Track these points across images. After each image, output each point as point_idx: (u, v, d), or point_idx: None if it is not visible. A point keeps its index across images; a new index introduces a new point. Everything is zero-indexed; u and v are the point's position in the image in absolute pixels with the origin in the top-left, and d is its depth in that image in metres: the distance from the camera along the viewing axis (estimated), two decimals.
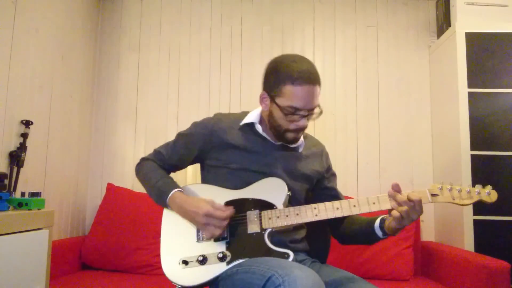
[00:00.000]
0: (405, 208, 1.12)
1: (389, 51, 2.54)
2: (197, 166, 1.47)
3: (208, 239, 1.22)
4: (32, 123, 1.82)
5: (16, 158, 1.73)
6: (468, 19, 2.14)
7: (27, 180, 1.84)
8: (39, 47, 1.93)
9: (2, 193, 1.37)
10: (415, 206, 1.13)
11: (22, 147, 1.76)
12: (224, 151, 1.33)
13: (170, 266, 1.22)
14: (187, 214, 1.24)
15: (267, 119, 1.33)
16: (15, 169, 1.73)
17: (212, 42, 2.56)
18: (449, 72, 2.21)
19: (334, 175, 1.48)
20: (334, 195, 1.41)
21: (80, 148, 2.35)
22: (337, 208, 1.20)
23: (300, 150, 1.38)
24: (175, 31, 2.57)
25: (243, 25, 2.57)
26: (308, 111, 1.24)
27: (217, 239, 1.22)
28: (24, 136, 1.78)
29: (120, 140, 2.49)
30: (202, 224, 1.20)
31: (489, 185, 1.17)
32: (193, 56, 2.55)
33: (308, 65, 1.26)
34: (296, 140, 1.32)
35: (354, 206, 1.20)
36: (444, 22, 2.29)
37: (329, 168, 1.46)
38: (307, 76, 1.22)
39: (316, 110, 1.26)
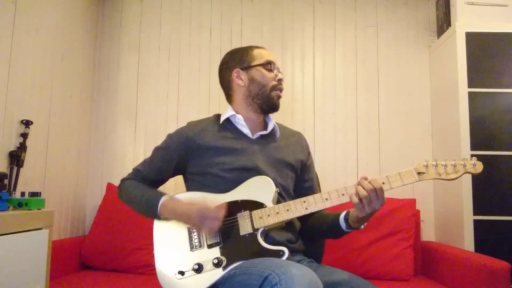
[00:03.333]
0: (365, 193, 1.13)
1: (389, 51, 2.54)
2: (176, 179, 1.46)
3: (208, 234, 1.21)
4: (32, 123, 1.82)
5: (16, 158, 1.73)
6: (468, 19, 2.14)
7: (27, 180, 1.84)
8: (39, 47, 1.93)
9: (2, 193, 1.37)
10: (377, 193, 1.14)
11: (22, 147, 1.76)
12: (203, 155, 1.34)
13: (167, 279, 1.21)
14: (181, 216, 1.24)
15: (245, 96, 1.39)
16: (15, 169, 1.73)
17: (212, 42, 2.55)
18: (449, 72, 2.21)
19: (312, 163, 1.50)
20: (308, 187, 1.44)
21: (80, 148, 2.35)
22: (326, 199, 1.21)
23: (277, 136, 1.42)
24: (175, 31, 2.57)
25: (243, 25, 2.57)
26: (278, 68, 1.40)
27: (211, 245, 1.21)
28: (24, 136, 1.78)
29: (120, 140, 2.49)
30: (198, 220, 1.19)
31: (474, 157, 1.17)
32: (193, 56, 2.54)
33: None
34: (278, 100, 1.39)
35: (343, 194, 1.20)
36: (444, 22, 2.29)
37: (309, 156, 1.49)
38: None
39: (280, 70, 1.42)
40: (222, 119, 1.39)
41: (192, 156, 1.35)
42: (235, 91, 1.42)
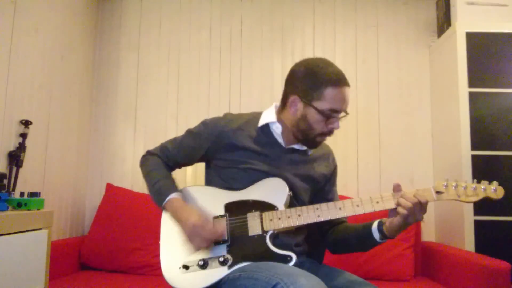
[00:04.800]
0: (411, 205, 1.12)
1: (389, 50, 2.54)
2: (197, 166, 1.46)
3: (194, 250, 1.20)
4: (31, 123, 1.81)
5: (15, 158, 1.73)
6: (468, 19, 2.14)
7: (26, 180, 1.83)
8: (38, 47, 1.93)
9: (1, 193, 1.36)
10: (422, 205, 1.13)
11: (21, 147, 1.76)
12: (233, 152, 1.31)
13: (170, 271, 1.20)
14: (179, 221, 1.23)
15: (292, 123, 1.29)
16: (14, 169, 1.73)
17: (211, 41, 2.55)
18: (449, 71, 2.20)
19: (336, 175, 1.46)
20: (330, 199, 1.40)
21: (79, 148, 2.35)
22: (340, 208, 1.19)
23: (309, 152, 1.36)
24: (175, 31, 2.56)
25: (243, 25, 2.57)
26: (342, 113, 1.27)
27: (218, 242, 1.20)
28: (23, 136, 1.77)
29: (120, 140, 2.49)
30: (188, 234, 1.19)
31: (495, 181, 1.15)
32: (192, 56, 2.54)
33: (339, 68, 1.28)
34: (322, 142, 1.33)
35: (357, 206, 1.18)
36: (444, 21, 2.29)
37: (334, 169, 1.45)
38: (344, 78, 1.24)
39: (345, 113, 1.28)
40: (261, 122, 1.33)
41: (222, 150, 1.32)
42: (286, 109, 1.31)
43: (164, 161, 1.39)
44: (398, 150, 2.45)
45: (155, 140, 2.44)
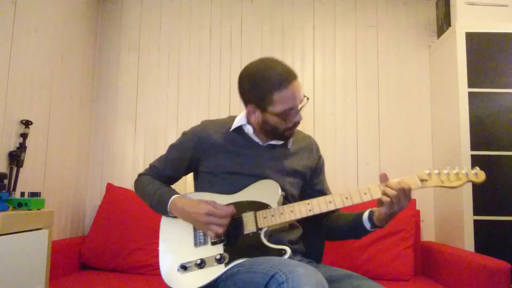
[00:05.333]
0: (395, 193, 1.14)
1: (389, 51, 2.54)
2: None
3: (213, 238, 1.23)
4: (31, 123, 1.81)
5: (16, 158, 1.73)
6: (468, 19, 2.14)
7: (27, 180, 1.83)
8: (38, 47, 1.93)
9: (2, 193, 1.37)
10: (405, 192, 1.15)
11: (22, 147, 1.76)
12: (214, 156, 1.35)
13: (169, 273, 1.24)
14: (189, 216, 1.26)
15: (257, 127, 1.34)
16: (15, 169, 1.73)
17: (212, 42, 2.55)
18: (449, 72, 2.21)
19: (322, 165, 1.49)
20: (319, 190, 1.44)
21: (80, 148, 2.35)
22: (330, 202, 1.22)
23: (289, 146, 1.40)
24: (175, 31, 2.56)
25: (243, 25, 2.57)
26: (299, 105, 1.28)
27: (215, 242, 1.23)
28: (24, 136, 1.78)
29: (120, 140, 2.49)
30: (204, 223, 1.21)
31: (477, 166, 1.21)
32: (193, 56, 2.54)
33: (281, 64, 1.29)
34: (292, 134, 1.35)
35: (346, 198, 1.21)
36: (444, 22, 2.29)
37: (319, 160, 1.47)
38: (287, 75, 1.25)
39: (304, 100, 1.29)
40: (234, 126, 1.37)
41: (204, 155, 1.37)
42: (249, 115, 1.35)
43: (155, 178, 1.43)
44: (398, 150, 2.45)
45: (155, 139, 2.44)
